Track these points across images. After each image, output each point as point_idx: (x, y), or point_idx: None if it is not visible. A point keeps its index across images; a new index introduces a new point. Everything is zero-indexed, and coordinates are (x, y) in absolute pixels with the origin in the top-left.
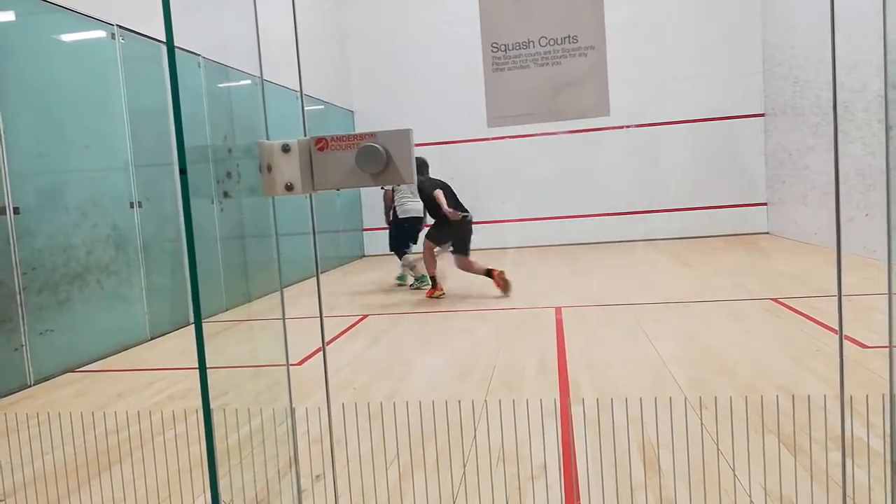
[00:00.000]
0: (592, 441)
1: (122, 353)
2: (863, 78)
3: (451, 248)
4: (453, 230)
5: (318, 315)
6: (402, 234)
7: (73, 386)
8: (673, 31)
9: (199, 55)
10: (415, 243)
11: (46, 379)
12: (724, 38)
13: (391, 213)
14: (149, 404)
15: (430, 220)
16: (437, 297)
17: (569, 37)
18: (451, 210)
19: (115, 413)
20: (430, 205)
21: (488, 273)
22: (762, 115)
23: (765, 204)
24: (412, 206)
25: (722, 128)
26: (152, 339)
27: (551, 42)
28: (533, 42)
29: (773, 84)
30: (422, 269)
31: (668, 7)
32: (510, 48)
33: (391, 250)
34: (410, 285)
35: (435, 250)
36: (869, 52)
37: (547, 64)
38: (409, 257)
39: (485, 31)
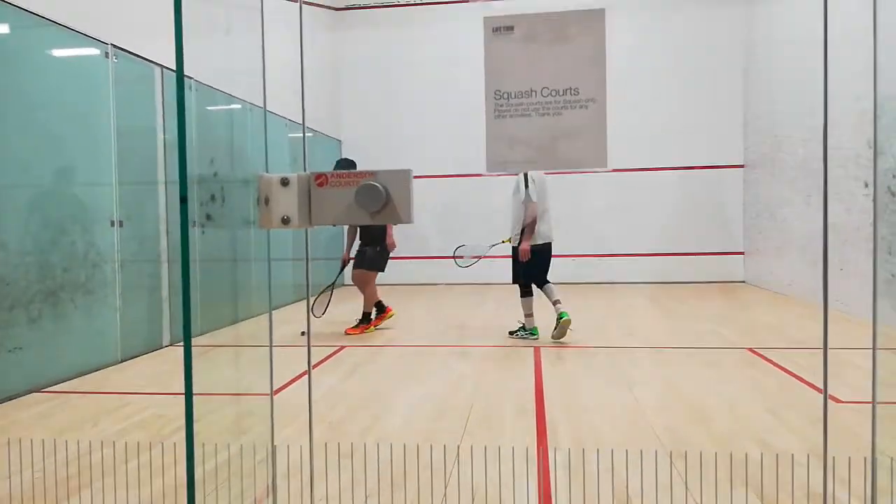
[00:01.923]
0: (571, 490)
1: (92, 373)
2: (839, 137)
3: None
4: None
5: (307, 344)
6: (540, 261)
7: (38, 407)
8: (658, 82)
9: (191, 78)
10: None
11: (11, 398)
12: (708, 92)
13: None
14: (115, 430)
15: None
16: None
17: (570, 89)
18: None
19: (77, 441)
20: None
21: (379, 306)
22: (742, 166)
23: (742, 253)
24: (546, 228)
25: (703, 177)
26: (123, 361)
27: (553, 93)
28: (535, 92)
29: (752, 137)
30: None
31: (653, 59)
32: (513, 96)
33: (523, 282)
34: (521, 333)
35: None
36: (844, 113)
37: (548, 114)
38: (552, 289)
39: (489, 79)
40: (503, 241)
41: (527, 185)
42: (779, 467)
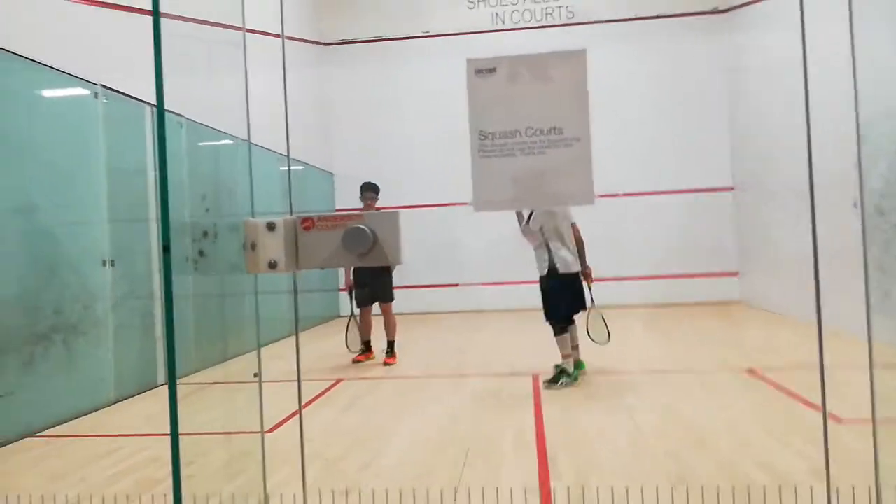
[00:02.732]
0: None
1: (86, 416)
2: (824, 159)
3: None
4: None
5: (297, 379)
6: (564, 295)
7: (30, 453)
8: (645, 109)
9: (181, 115)
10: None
11: (2, 445)
12: (694, 117)
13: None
14: (108, 475)
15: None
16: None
17: (554, 128)
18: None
19: (66, 495)
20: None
21: (367, 346)
22: (731, 189)
23: (736, 274)
24: (568, 255)
25: (694, 200)
26: (118, 401)
27: (537, 132)
28: (519, 132)
29: (740, 160)
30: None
31: (639, 87)
32: (497, 136)
33: (554, 320)
34: (563, 380)
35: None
36: (828, 135)
37: (532, 153)
38: (575, 332)
39: (473, 119)
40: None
41: (528, 219)
42: (782, 496)
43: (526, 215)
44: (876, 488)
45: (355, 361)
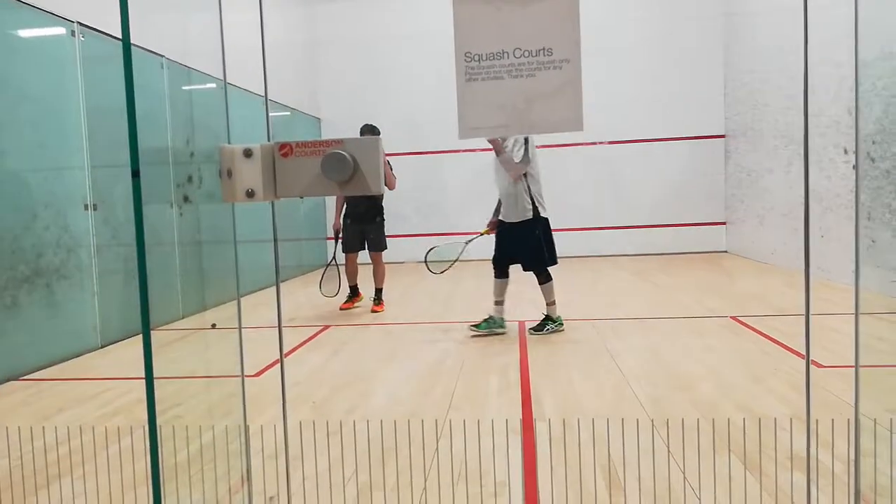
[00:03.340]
0: (555, 460)
1: (72, 360)
2: (819, 104)
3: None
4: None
5: (277, 325)
6: (550, 238)
7: (15, 395)
8: (638, 54)
9: (162, 56)
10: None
11: None
12: (688, 62)
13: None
14: (95, 416)
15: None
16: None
17: (544, 49)
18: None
19: (55, 427)
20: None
21: (353, 290)
22: (723, 136)
23: (724, 223)
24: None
25: (684, 148)
26: (104, 346)
27: (526, 54)
28: (507, 53)
29: (733, 107)
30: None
31: (633, 30)
32: (484, 58)
33: (545, 266)
34: (549, 326)
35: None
36: (824, 78)
37: (521, 76)
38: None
39: (459, 41)
40: (482, 234)
41: (525, 152)
42: (762, 432)
43: (511, 144)
44: (855, 426)
45: (343, 308)
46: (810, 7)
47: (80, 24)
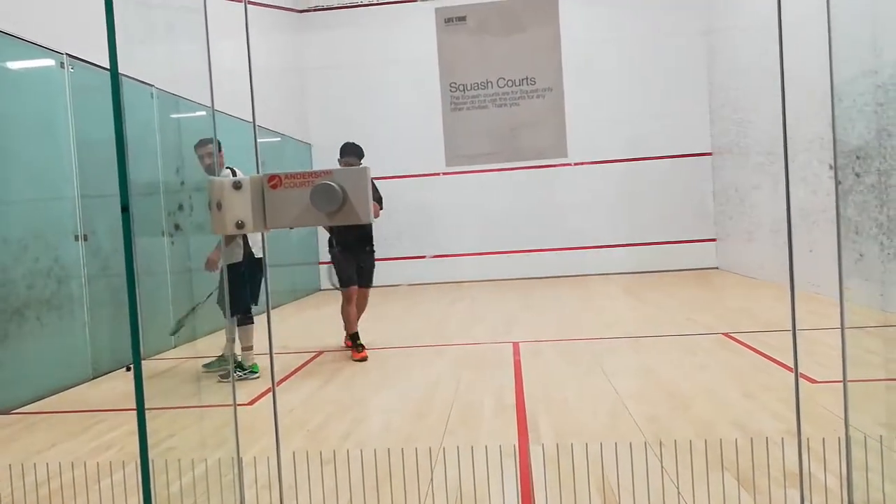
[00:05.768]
0: (551, 484)
1: (63, 392)
2: (802, 121)
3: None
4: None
5: (268, 353)
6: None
7: (4, 431)
8: (622, 73)
9: (152, 86)
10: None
11: None
12: (672, 80)
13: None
14: (87, 450)
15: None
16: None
17: (527, 78)
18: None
19: (47, 463)
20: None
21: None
22: (710, 153)
23: (714, 240)
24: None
25: (671, 166)
26: (95, 377)
27: (509, 83)
28: (491, 83)
29: (718, 124)
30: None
31: (616, 51)
32: (468, 88)
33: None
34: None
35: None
36: (807, 95)
37: (505, 105)
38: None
39: (443, 71)
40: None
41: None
42: (754, 449)
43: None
44: (846, 441)
45: (357, 359)
46: (794, 23)
47: (70, 55)
